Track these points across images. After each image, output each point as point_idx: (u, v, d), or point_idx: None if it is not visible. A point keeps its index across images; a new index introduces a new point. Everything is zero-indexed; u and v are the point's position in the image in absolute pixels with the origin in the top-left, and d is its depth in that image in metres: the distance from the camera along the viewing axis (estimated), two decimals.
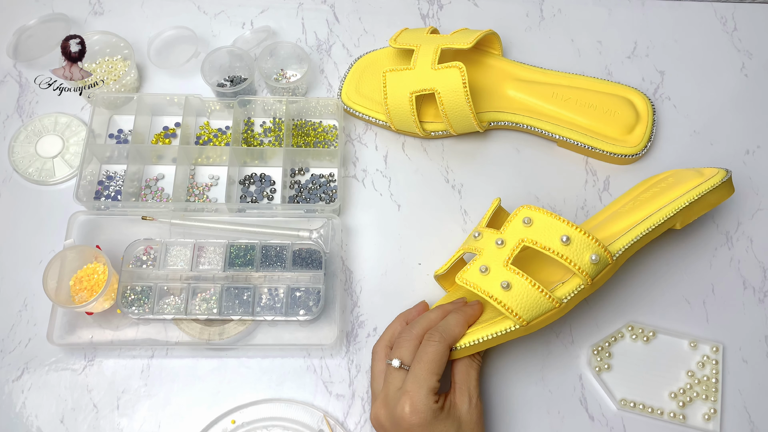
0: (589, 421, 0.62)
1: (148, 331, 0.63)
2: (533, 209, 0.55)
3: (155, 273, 0.64)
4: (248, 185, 0.71)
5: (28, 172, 0.70)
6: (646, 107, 0.73)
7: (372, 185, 0.72)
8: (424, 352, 0.54)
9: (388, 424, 0.54)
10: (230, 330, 0.63)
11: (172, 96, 0.71)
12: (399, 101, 0.68)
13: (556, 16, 0.82)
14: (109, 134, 0.73)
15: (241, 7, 0.81)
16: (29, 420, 0.61)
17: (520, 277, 0.54)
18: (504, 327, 0.55)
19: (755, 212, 0.72)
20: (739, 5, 0.83)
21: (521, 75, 0.74)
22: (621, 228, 0.60)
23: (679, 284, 0.68)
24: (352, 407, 0.62)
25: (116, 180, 0.70)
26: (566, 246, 0.54)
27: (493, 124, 0.72)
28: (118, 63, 0.75)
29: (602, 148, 0.71)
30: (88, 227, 0.67)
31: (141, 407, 0.61)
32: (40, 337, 0.63)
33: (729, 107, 0.77)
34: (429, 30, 0.72)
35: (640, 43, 0.80)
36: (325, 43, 0.79)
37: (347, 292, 0.67)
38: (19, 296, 0.65)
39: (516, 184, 0.72)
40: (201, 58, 0.74)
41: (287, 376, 0.63)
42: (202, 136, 0.73)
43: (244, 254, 0.65)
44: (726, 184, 0.63)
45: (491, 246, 0.56)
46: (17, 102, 0.74)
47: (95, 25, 0.79)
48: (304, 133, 0.73)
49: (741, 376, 0.64)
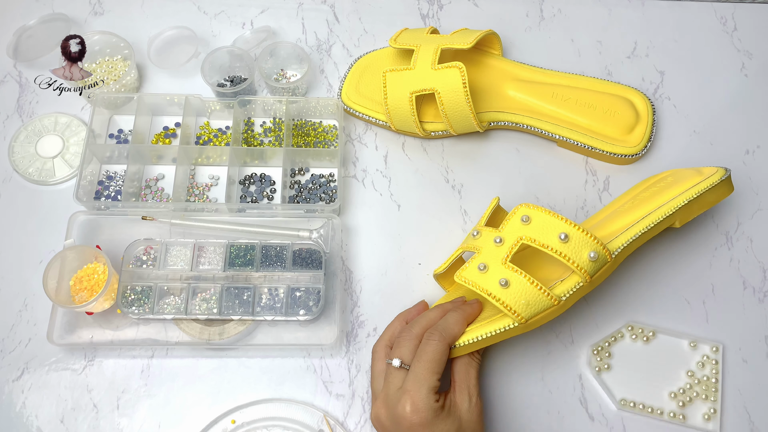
0: (589, 421, 0.62)
1: (148, 331, 0.63)
2: (531, 207, 0.55)
3: (155, 273, 0.64)
4: (248, 185, 0.71)
5: (28, 172, 0.70)
6: (646, 107, 0.73)
7: (372, 185, 0.72)
8: (424, 352, 0.54)
9: (389, 424, 0.54)
10: (230, 330, 0.63)
11: (172, 96, 0.72)
12: (399, 101, 0.68)
13: (556, 16, 0.82)
14: (109, 134, 0.73)
15: (241, 7, 0.81)
16: (29, 420, 0.61)
17: (519, 275, 0.54)
18: (503, 325, 0.55)
19: (755, 212, 0.71)
20: (739, 5, 0.83)
21: (521, 75, 0.74)
22: (620, 226, 0.60)
23: (679, 284, 0.68)
24: (352, 407, 0.62)
25: (116, 180, 0.70)
26: (564, 243, 0.54)
27: (493, 124, 0.72)
28: (118, 63, 0.75)
29: (602, 148, 0.71)
30: (88, 227, 0.67)
31: (141, 407, 0.61)
32: (40, 337, 0.63)
33: (729, 107, 0.77)
34: (429, 30, 0.72)
35: (640, 43, 0.80)
36: (325, 43, 0.79)
37: (347, 292, 0.67)
38: (19, 296, 0.65)
39: (516, 184, 0.72)
40: (201, 58, 0.74)
41: (287, 376, 0.63)
42: (202, 136, 0.73)
43: (244, 254, 0.65)
44: (725, 182, 0.63)
45: (490, 244, 0.56)
46: (17, 102, 0.74)
47: (95, 25, 0.79)
48: (304, 133, 0.73)
49: (741, 376, 0.64)
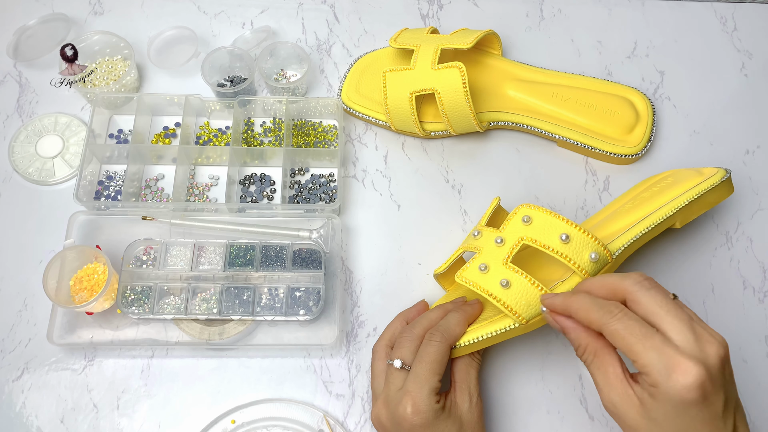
0: (589, 421, 0.62)
1: (148, 331, 0.63)
2: (532, 208, 0.55)
3: (155, 273, 0.64)
4: (248, 185, 0.71)
5: (28, 172, 0.70)
6: (646, 107, 0.73)
7: (372, 185, 0.72)
8: (426, 352, 0.54)
9: (390, 425, 0.54)
10: (230, 330, 0.63)
11: (172, 96, 0.72)
12: (399, 101, 0.68)
13: (556, 16, 0.82)
14: (109, 134, 0.73)
15: (241, 7, 0.81)
16: (29, 420, 0.61)
17: (520, 276, 0.54)
18: (503, 325, 0.55)
19: (755, 212, 0.72)
20: (739, 5, 0.83)
21: (521, 75, 0.74)
22: (620, 227, 0.60)
23: (679, 284, 0.68)
24: (352, 407, 0.62)
25: (116, 180, 0.70)
26: (565, 244, 0.54)
27: (493, 124, 0.72)
28: (118, 63, 0.75)
29: (602, 148, 0.71)
30: (88, 227, 0.67)
31: (141, 407, 0.61)
32: (40, 337, 0.63)
33: (729, 107, 0.77)
34: (429, 30, 0.72)
35: (640, 43, 0.80)
36: (325, 43, 0.79)
37: (347, 292, 0.67)
38: (19, 296, 0.65)
39: (516, 184, 0.72)
40: (201, 58, 0.74)
41: (287, 376, 0.63)
42: (202, 136, 0.73)
43: (244, 254, 0.65)
44: (725, 183, 0.63)
45: (490, 244, 0.56)
46: (17, 102, 0.74)
47: (95, 25, 0.79)
48: (304, 133, 0.73)
49: (741, 376, 0.64)
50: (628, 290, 0.47)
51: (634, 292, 0.47)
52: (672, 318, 0.45)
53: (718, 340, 0.44)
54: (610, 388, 0.46)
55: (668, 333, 0.44)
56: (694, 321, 0.45)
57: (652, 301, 0.46)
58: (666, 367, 0.43)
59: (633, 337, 0.45)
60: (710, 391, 0.43)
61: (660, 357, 0.43)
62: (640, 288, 0.46)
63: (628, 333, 0.45)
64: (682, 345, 0.43)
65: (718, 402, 0.44)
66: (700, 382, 0.42)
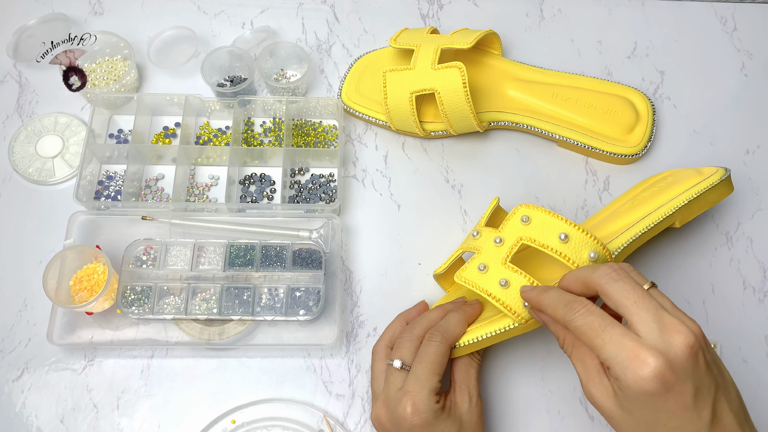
0: (589, 421, 0.62)
1: (148, 331, 0.63)
2: (531, 207, 0.55)
3: (155, 273, 0.64)
4: (248, 185, 0.71)
5: (28, 172, 0.70)
6: (646, 107, 0.73)
7: (372, 185, 0.72)
8: (426, 353, 0.54)
9: (390, 425, 0.54)
10: (230, 330, 0.63)
11: (172, 96, 0.72)
12: (399, 101, 0.68)
13: (556, 16, 0.82)
14: (109, 134, 0.73)
15: (241, 7, 0.81)
16: (29, 420, 0.61)
17: (519, 275, 0.54)
18: (503, 325, 0.55)
19: (755, 212, 0.72)
20: (739, 5, 0.83)
21: (521, 75, 0.74)
22: (620, 226, 0.60)
23: (679, 284, 0.68)
24: (352, 407, 0.62)
25: (116, 180, 0.70)
26: (564, 243, 0.54)
27: (493, 124, 0.72)
28: (118, 63, 0.75)
29: (602, 148, 0.71)
30: (88, 227, 0.67)
31: (141, 407, 0.61)
32: (40, 337, 0.63)
33: (729, 107, 0.77)
34: (429, 30, 0.72)
35: (640, 43, 0.80)
36: (325, 43, 0.79)
37: (347, 292, 0.67)
38: (19, 296, 0.65)
39: (516, 184, 0.72)
40: (201, 58, 0.74)
41: (287, 376, 0.63)
42: (202, 136, 0.73)
43: (244, 254, 0.65)
44: (725, 182, 0.63)
45: (490, 244, 0.56)
46: (17, 102, 0.74)
47: (95, 25, 0.79)
48: (304, 133, 0.73)
49: (741, 376, 0.64)
50: (596, 283, 0.47)
51: (603, 285, 0.47)
52: (638, 309, 0.45)
53: (689, 328, 0.44)
54: (588, 379, 0.47)
55: (635, 325, 0.44)
56: (664, 310, 0.45)
57: (619, 293, 0.46)
58: (624, 360, 0.43)
59: (592, 331, 0.45)
60: (672, 381, 0.42)
61: (618, 350, 0.44)
62: (608, 280, 0.47)
63: (588, 328, 0.45)
64: (645, 336, 0.43)
65: (686, 392, 0.43)
66: (657, 373, 0.42)
